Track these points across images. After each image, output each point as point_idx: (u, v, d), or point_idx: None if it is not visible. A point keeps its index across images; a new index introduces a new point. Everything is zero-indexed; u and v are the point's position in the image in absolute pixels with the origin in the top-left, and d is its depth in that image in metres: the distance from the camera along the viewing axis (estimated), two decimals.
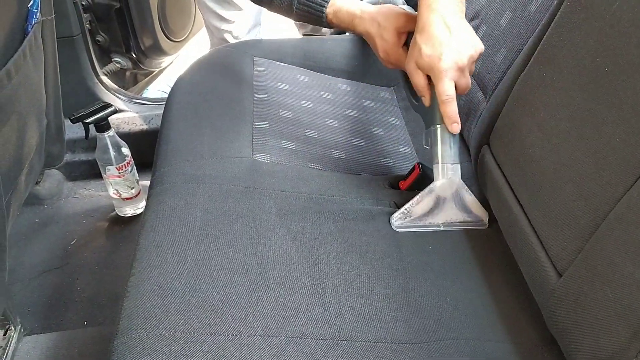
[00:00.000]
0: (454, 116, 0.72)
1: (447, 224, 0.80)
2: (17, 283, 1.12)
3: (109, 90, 1.45)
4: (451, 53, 0.69)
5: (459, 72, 0.71)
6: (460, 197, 0.78)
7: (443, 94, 0.71)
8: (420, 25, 0.73)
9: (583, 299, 0.56)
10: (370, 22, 0.83)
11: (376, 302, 0.68)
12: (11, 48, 0.82)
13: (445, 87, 0.70)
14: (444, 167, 0.75)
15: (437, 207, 0.78)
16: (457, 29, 0.71)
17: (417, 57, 0.72)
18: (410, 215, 0.78)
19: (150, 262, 0.68)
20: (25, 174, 0.97)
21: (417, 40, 0.72)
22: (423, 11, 0.73)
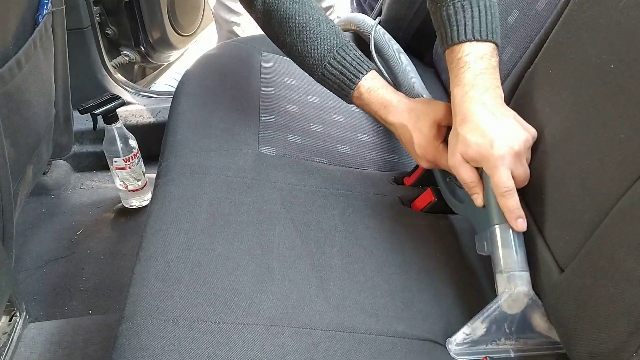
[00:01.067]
0: (517, 211, 0.61)
1: (519, 349, 0.64)
2: (24, 271, 1.13)
3: (117, 83, 1.46)
4: (504, 138, 0.61)
5: (516, 158, 0.62)
6: (531, 315, 0.63)
7: (502, 186, 0.61)
8: (460, 115, 0.65)
9: (585, 294, 0.56)
10: (407, 112, 0.74)
11: (379, 297, 0.68)
12: (22, 38, 0.83)
13: (504, 178, 0.61)
14: (510, 276, 0.61)
15: (506, 327, 0.63)
16: (502, 115, 0.63)
17: (462, 148, 0.64)
18: (474, 338, 0.63)
19: (156, 250, 0.69)
20: (33, 164, 0.98)
21: (460, 131, 0.64)
22: (460, 100, 0.65)
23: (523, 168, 0.63)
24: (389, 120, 0.75)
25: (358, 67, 0.76)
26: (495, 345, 0.63)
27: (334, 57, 0.76)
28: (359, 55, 0.77)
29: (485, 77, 0.65)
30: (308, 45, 0.77)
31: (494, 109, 0.64)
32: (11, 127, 0.82)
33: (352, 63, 0.76)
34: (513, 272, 0.61)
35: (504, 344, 0.63)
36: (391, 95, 0.76)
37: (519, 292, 0.61)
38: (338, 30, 0.78)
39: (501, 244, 0.63)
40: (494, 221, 0.63)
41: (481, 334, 0.63)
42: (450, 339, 0.64)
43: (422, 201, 0.84)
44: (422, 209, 0.84)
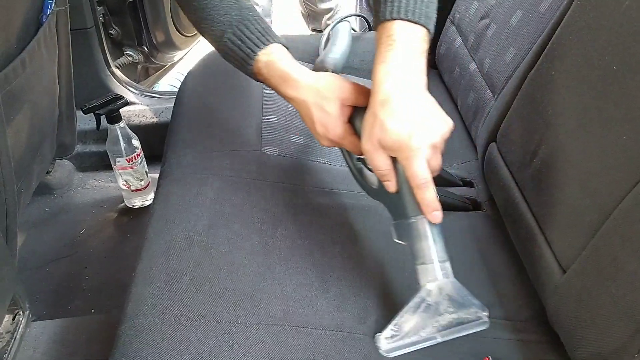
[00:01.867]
0: (433, 203, 0.60)
1: (445, 333, 0.64)
2: (27, 270, 1.13)
3: (120, 83, 1.46)
4: (423, 129, 0.59)
5: (433, 150, 0.60)
6: (454, 298, 0.63)
7: (418, 177, 0.58)
8: (380, 95, 0.61)
9: (586, 295, 0.57)
10: (308, 87, 0.69)
11: (380, 297, 0.68)
12: (26, 38, 0.83)
13: (421, 169, 0.58)
14: (432, 267, 0.61)
15: (431, 316, 0.63)
16: (425, 103, 0.61)
17: (380, 134, 0.60)
18: (401, 333, 0.63)
19: (159, 250, 0.69)
20: (36, 163, 0.98)
21: (378, 113, 0.60)
22: (382, 78, 0.61)
23: (438, 160, 0.62)
24: (288, 94, 0.71)
25: (256, 41, 0.72)
26: (423, 334, 0.63)
27: (234, 32, 0.72)
28: (261, 29, 0.73)
29: (411, 61, 0.62)
30: (209, 21, 0.74)
31: (416, 95, 0.61)
32: (15, 127, 0.82)
33: (251, 37, 0.72)
34: (433, 263, 0.61)
35: (431, 331, 0.63)
36: (291, 68, 0.71)
37: (440, 283, 0.61)
38: (244, 5, 0.74)
39: (420, 237, 0.61)
40: (410, 213, 0.62)
41: (410, 327, 0.63)
42: (378, 335, 0.63)
43: None
44: None
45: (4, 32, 0.75)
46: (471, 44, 1.00)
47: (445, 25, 1.15)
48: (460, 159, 0.97)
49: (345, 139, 0.68)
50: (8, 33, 0.77)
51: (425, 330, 0.63)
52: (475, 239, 0.80)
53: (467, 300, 0.64)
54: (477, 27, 0.99)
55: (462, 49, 1.05)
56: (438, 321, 0.63)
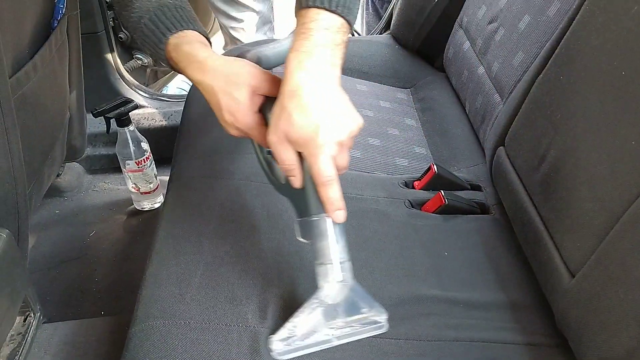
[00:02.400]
0: (337, 202, 0.58)
1: (342, 336, 0.62)
2: (37, 272, 1.14)
3: (130, 86, 1.47)
4: (331, 125, 0.56)
5: (339, 148, 0.58)
6: (353, 301, 0.61)
7: (323, 175, 0.57)
8: (289, 86, 0.58)
9: (595, 300, 0.56)
10: (215, 71, 0.65)
11: (387, 299, 0.69)
12: (38, 42, 0.84)
13: (325, 166, 0.56)
14: (331, 268, 0.59)
15: (328, 318, 0.60)
16: (336, 98, 0.58)
17: (285, 127, 0.58)
18: (296, 335, 0.60)
19: (169, 253, 0.70)
20: (47, 166, 0.99)
21: (286, 105, 0.58)
22: (293, 68, 0.59)
23: (345, 158, 0.60)
24: (195, 78, 0.67)
25: (169, 26, 0.69)
26: (319, 337, 0.61)
27: (150, 17, 0.69)
28: (178, 16, 0.70)
29: (326, 51, 0.60)
30: (130, 7, 0.71)
31: (328, 88, 0.58)
32: (27, 130, 0.83)
33: (165, 22, 0.69)
34: (334, 264, 0.59)
35: (327, 334, 0.61)
36: (198, 51, 0.67)
37: (339, 284, 0.59)
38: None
39: (322, 236, 0.59)
40: (313, 211, 0.60)
41: (305, 330, 0.60)
42: (272, 337, 0.60)
43: (433, 205, 0.84)
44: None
45: (16, 36, 0.76)
46: (479, 48, 1.00)
47: (454, 29, 1.15)
48: (468, 162, 0.97)
49: (254, 130, 0.64)
50: (20, 38, 0.78)
51: (321, 332, 0.61)
52: (483, 242, 0.80)
53: (367, 303, 0.62)
54: (485, 31, 0.99)
55: (470, 52, 1.05)
56: (335, 323, 0.61)
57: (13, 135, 0.71)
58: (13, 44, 0.75)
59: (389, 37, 1.34)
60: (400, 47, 1.30)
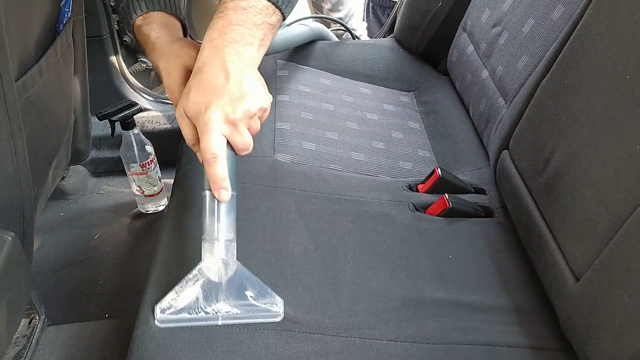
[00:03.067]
0: (219, 181, 0.58)
1: (228, 316, 0.62)
2: (41, 275, 1.14)
3: (134, 90, 1.47)
4: (221, 103, 0.57)
5: (231, 126, 0.58)
6: (239, 284, 0.62)
7: (205, 152, 0.57)
8: (198, 64, 0.60)
9: (600, 304, 0.56)
10: (161, 52, 0.67)
11: (391, 302, 0.69)
12: (43, 45, 0.85)
13: (210, 144, 0.57)
14: (212, 244, 0.60)
15: (211, 295, 0.61)
16: (237, 76, 0.58)
17: (184, 103, 0.59)
18: (177, 307, 0.61)
19: (172, 256, 0.70)
20: (52, 169, 1.00)
21: (190, 83, 0.59)
22: (203, 46, 0.60)
23: (241, 137, 0.60)
24: (150, 59, 0.69)
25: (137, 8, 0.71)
26: (202, 313, 0.61)
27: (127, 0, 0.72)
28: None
29: (239, 30, 0.59)
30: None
31: (232, 66, 0.58)
32: (33, 133, 0.83)
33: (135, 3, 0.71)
34: (215, 240, 0.60)
35: (212, 312, 0.61)
36: (151, 32, 0.69)
37: (219, 260, 0.60)
38: None
39: (208, 211, 0.60)
40: (205, 186, 0.61)
41: (187, 301, 0.61)
42: (156, 306, 0.61)
43: (437, 208, 0.84)
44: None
45: (22, 40, 0.77)
46: (483, 52, 1.01)
47: (457, 33, 1.16)
48: (472, 166, 0.97)
49: None
50: (26, 41, 0.78)
51: (205, 308, 0.61)
52: (487, 245, 0.80)
53: (257, 290, 0.63)
54: (489, 34, 0.99)
55: (474, 56, 1.05)
56: (220, 303, 0.61)
57: (19, 139, 0.72)
58: (19, 48, 0.76)
59: (392, 40, 1.34)
60: (403, 50, 1.30)
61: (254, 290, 0.63)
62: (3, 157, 0.70)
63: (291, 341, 0.62)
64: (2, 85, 0.66)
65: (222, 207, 0.61)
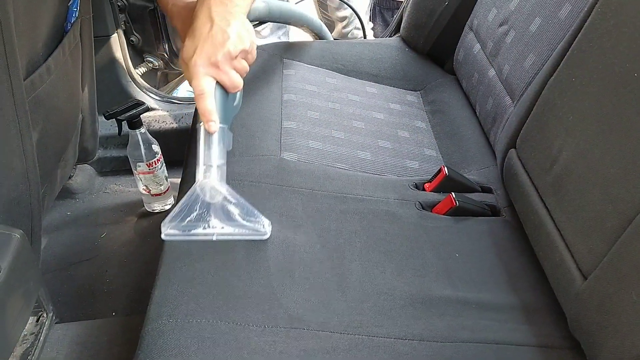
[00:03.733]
0: (207, 114, 0.67)
1: (221, 234, 0.71)
2: (49, 273, 1.15)
3: (141, 89, 1.48)
4: (204, 48, 0.66)
5: (214, 68, 0.67)
6: (230, 205, 0.70)
7: (195, 89, 0.68)
8: (193, 16, 0.70)
9: (608, 302, 0.56)
10: (177, 16, 0.77)
11: (398, 300, 0.69)
12: (51, 45, 0.85)
13: (197, 82, 0.67)
14: (205, 168, 0.68)
15: (207, 214, 0.70)
16: (220, 23, 0.67)
17: (182, 51, 0.70)
18: (178, 221, 0.70)
19: (180, 254, 0.70)
20: (60, 167, 1.00)
21: (187, 33, 0.70)
22: (198, 2, 0.71)
23: (226, 76, 0.68)
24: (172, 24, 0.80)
25: None
26: (199, 229, 0.70)
27: None
28: None
29: None
30: None
31: (216, 15, 0.67)
32: (40, 132, 0.84)
33: None
34: (207, 164, 0.68)
35: (207, 229, 0.70)
36: None
37: (211, 182, 0.68)
38: None
39: (198, 140, 0.69)
40: (198, 120, 0.70)
41: (186, 220, 0.70)
42: (161, 223, 0.71)
43: (444, 207, 0.84)
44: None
45: (31, 40, 0.77)
46: (490, 50, 1.00)
47: (464, 32, 1.15)
48: (479, 165, 0.97)
49: None
50: (34, 40, 0.79)
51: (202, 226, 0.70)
52: (494, 244, 0.80)
53: (247, 212, 0.71)
54: (496, 33, 0.99)
55: (480, 55, 1.05)
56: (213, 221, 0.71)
57: (27, 137, 0.72)
58: (28, 47, 0.76)
59: (398, 39, 1.34)
60: (410, 49, 1.30)
61: (243, 212, 0.71)
62: (12, 155, 0.71)
63: (299, 339, 0.62)
64: (11, 84, 0.67)
65: (214, 137, 0.68)
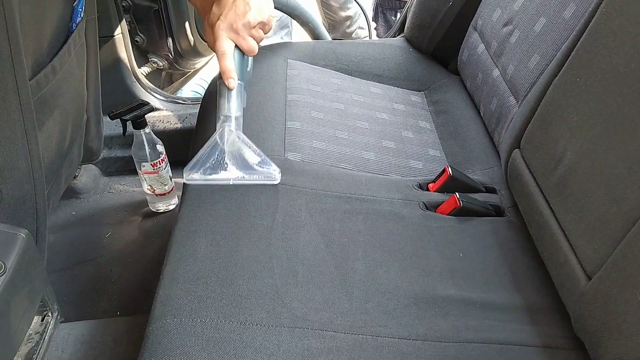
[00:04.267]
0: (227, 72, 0.78)
1: (236, 179, 0.81)
2: (54, 273, 1.15)
3: (145, 89, 1.48)
4: (228, 15, 0.78)
5: (234, 33, 0.78)
6: (245, 152, 0.81)
7: (217, 50, 0.79)
8: None
9: (612, 302, 0.56)
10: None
11: (402, 299, 0.69)
12: (56, 45, 0.86)
13: (219, 44, 0.78)
14: (224, 118, 0.78)
15: (224, 161, 0.80)
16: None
17: (209, 16, 0.80)
18: (198, 168, 0.81)
19: (185, 253, 0.70)
20: (65, 167, 1.01)
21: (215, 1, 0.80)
22: None
23: (245, 42, 0.80)
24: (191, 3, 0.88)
25: None
26: (220, 174, 0.80)
27: None
28: None
29: None
30: None
31: None
32: (46, 132, 0.84)
33: None
34: (226, 115, 0.78)
35: (227, 174, 0.80)
36: None
37: (229, 131, 0.78)
38: None
39: (219, 94, 0.79)
40: (219, 76, 0.80)
41: (206, 165, 0.80)
42: (184, 169, 0.81)
43: (448, 207, 0.84)
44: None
45: (36, 40, 0.77)
46: (494, 50, 1.00)
47: (468, 32, 1.15)
48: (483, 165, 0.97)
49: None
50: (40, 41, 0.79)
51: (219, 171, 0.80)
52: (498, 244, 0.80)
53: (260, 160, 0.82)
54: (500, 33, 0.98)
55: (484, 55, 1.05)
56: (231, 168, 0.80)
57: (32, 137, 0.72)
58: (33, 48, 0.76)
59: (402, 40, 1.34)
60: (414, 49, 1.30)
61: (257, 159, 0.81)
62: (17, 155, 0.71)
63: (303, 338, 0.62)
64: (17, 84, 0.67)
65: (232, 92, 0.78)
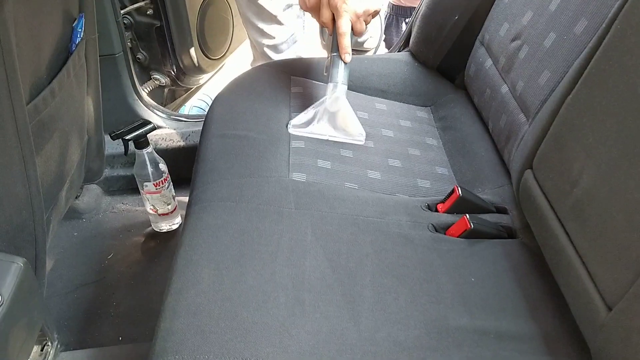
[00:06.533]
0: (346, 48, 0.93)
1: (331, 136, 0.97)
2: (55, 296, 1.13)
3: (148, 107, 1.47)
4: (354, 2, 0.91)
5: (355, 17, 0.92)
6: (343, 115, 0.96)
7: (340, 28, 0.92)
8: None
9: (635, 336, 0.53)
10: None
11: (413, 329, 0.66)
12: (56, 67, 0.84)
13: (343, 24, 0.91)
14: (334, 85, 0.95)
15: (325, 119, 0.96)
16: None
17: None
18: (306, 120, 0.97)
19: (187, 282, 0.68)
20: (65, 190, 0.99)
21: None
22: None
23: (359, 25, 0.94)
24: None
25: None
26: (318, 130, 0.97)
27: None
28: None
29: None
30: None
31: None
32: (45, 156, 0.82)
33: None
34: (337, 83, 0.95)
35: (324, 131, 0.97)
36: None
37: (337, 96, 0.95)
38: None
39: (333, 65, 0.96)
40: (334, 50, 0.96)
41: (309, 120, 0.97)
42: (290, 121, 0.98)
43: (458, 229, 0.82)
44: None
45: (34, 63, 0.76)
46: (502, 66, 0.98)
47: (475, 46, 1.13)
48: (493, 184, 0.95)
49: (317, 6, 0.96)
50: (38, 63, 0.77)
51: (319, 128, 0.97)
52: (511, 268, 0.77)
53: (353, 121, 0.98)
54: (508, 48, 0.96)
55: (492, 70, 1.03)
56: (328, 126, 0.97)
57: (30, 163, 0.71)
58: (31, 70, 0.75)
59: (407, 54, 1.32)
60: (419, 64, 1.28)
61: (350, 122, 0.98)
62: (15, 182, 0.69)
63: None
64: (13, 109, 0.65)
65: (343, 66, 0.96)
